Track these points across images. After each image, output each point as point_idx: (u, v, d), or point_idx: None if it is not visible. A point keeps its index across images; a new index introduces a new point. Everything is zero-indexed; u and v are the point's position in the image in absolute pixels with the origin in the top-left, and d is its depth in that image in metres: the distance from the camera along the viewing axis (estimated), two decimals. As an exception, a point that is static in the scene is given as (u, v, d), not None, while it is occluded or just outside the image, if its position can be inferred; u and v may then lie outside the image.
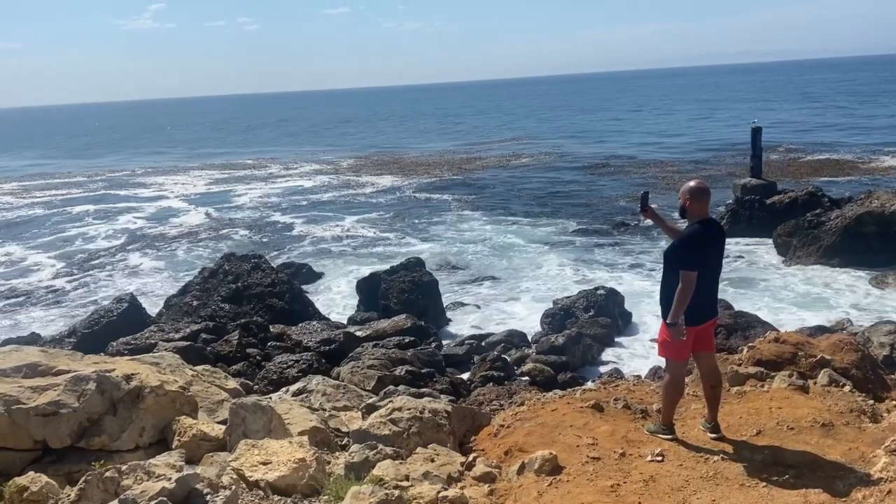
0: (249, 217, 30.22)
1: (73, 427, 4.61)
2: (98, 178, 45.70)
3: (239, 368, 11.43)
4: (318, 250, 23.54)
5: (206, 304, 15.18)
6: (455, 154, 49.10)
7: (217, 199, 35.44)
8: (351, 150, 56.34)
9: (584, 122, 72.49)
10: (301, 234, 26.30)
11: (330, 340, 12.68)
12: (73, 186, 41.98)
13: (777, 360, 6.29)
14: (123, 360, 5.66)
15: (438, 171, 40.40)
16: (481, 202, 30.49)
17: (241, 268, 16.36)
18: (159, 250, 24.51)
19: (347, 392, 8.48)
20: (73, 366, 5.06)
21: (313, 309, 15.96)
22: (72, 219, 31.51)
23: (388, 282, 16.10)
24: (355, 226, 27.15)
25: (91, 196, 37.96)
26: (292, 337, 13.25)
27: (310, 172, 43.58)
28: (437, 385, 10.11)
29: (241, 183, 40.92)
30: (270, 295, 15.56)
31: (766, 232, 20.17)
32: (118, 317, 14.11)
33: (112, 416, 4.80)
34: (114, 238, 27.01)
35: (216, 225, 28.76)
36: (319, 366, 11.18)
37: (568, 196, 30.96)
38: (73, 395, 4.67)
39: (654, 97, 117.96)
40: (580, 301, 14.70)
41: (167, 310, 15.75)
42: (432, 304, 15.60)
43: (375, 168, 43.93)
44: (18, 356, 4.95)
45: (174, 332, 12.84)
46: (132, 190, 39.58)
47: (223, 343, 12.46)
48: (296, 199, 34.20)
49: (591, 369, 12.50)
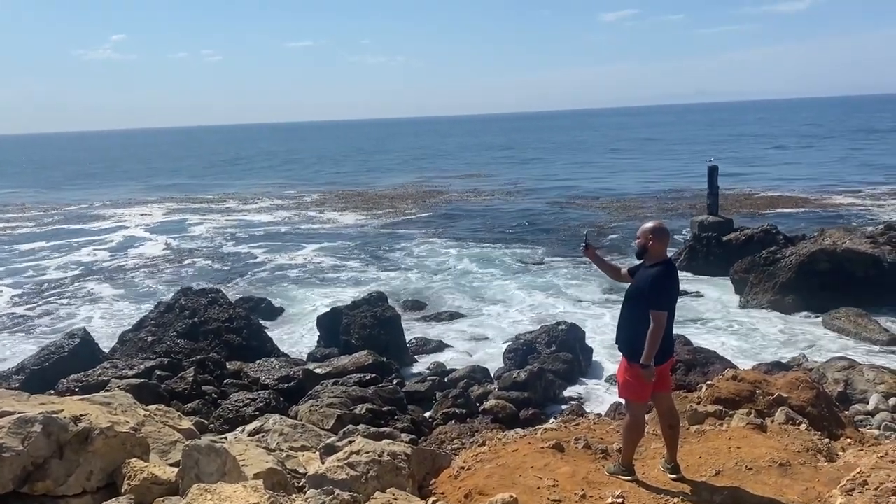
0: (207, 250, 29.80)
1: (17, 471, 4.41)
2: (53, 212, 44.69)
3: (194, 406, 11.15)
4: (277, 284, 23.27)
5: (161, 340, 14.85)
6: (418, 188, 49.34)
7: (174, 230, 34.95)
8: (314, 185, 56.14)
9: (543, 159, 73.50)
10: (259, 267, 26.00)
11: (289, 378, 12.45)
12: (27, 220, 40.94)
13: (736, 399, 6.35)
14: (72, 401, 5.46)
15: (402, 205, 40.51)
16: (445, 234, 30.70)
17: (198, 302, 16.08)
18: (114, 283, 23.98)
19: (306, 432, 8.31)
20: (19, 407, 4.86)
21: (272, 345, 15.73)
22: (24, 252, 30.65)
23: (350, 317, 15.94)
24: (316, 258, 26.97)
25: (46, 230, 37.03)
26: (249, 374, 13.01)
27: (270, 207, 43.25)
28: (398, 423, 9.98)
29: (197, 215, 40.43)
30: (228, 330, 15.29)
31: (723, 269, 20.53)
32: (69, 353, 13.71)
33: (58, 459, 4.61)
34: (67, 270, 26.38)
35: (173, 257, 28.32)
36: (277, 404, 10.96)
37: (534, 228, 31.37)
38: (18, 437, 4.48)
39: (612, 135, 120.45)
40: (542, 336, 14.73)
41: (121, 345, 15.36)
42: (394, 340, 15.48)
43: (339, 202, 43.85)
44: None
45: (128, 368, 12.51)
46: (88, 223, 38.75)
47: (178, 380, 12.16)
48: (254, 231, 33.89)
49: (554, 406, 12.48)
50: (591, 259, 5.31)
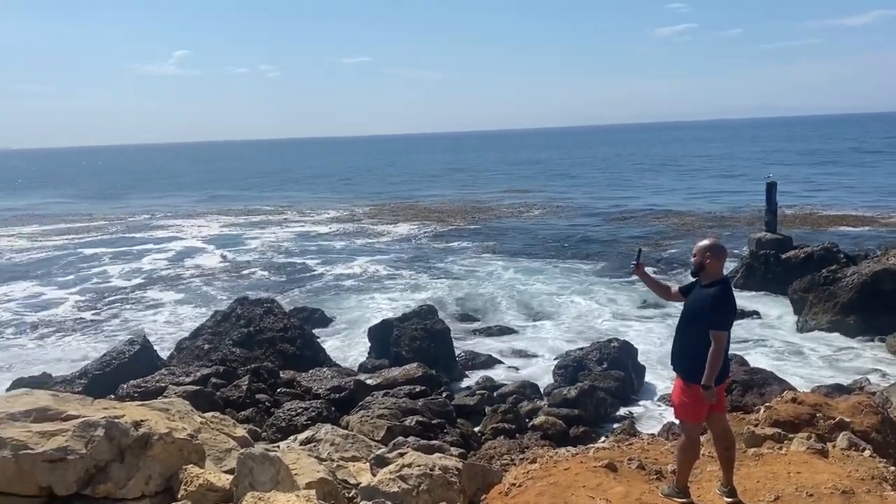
0: (263, 260, 30.38)
1: (80, 474, 4.57)
2: (117, 222, 46.14)
3: (248, 414, 11.35)
4: (331, 294, 23.56)
5: (217, 348, 15.16)
6: (467, 202, 49.41)
7: (232, 241, 35.69)
8: (366, 197, 56.80)
9: (594, 173, 72.89)
10: (315, 278, 26.37)
11: (340, 388, 12.58)
12: (92, 230, 42.32)
13: (795, 422, 6.17)
14: (133, 406, 5.63)
15: (452, 219, 40.63)
16: (498, 248, 30.65)
17: (254, 312, 16.38)
18: (174, 292, 24.60)
19: (356, 442, 8.38)
20: (83, 411, 5.03)
21: (324, 355, 15.92)
22: (88, 259, 31.72)
23: (400, 329, 16.04)
24: (370, 270, 27.21)
25: (109, 238, 38.24)
26: (302, 383, 13.17)
27: (326, 220, 43.82)
28: (447, 437, 9.97)
29: (256, 227, 41.24)
30: (282, 340, 15.54)
31: (781, 287, 19.98)
32: (129, 359, 14.11)
33: (119, 463, 4.75)
34: (129, 278, 27.14)
35: (231, 267, 28.92)
36: (329, 414, 11.08)
37: (585, 244, 31.06)
38: (81, 441, 4.64)
39: (666, 150, 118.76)
40: (593, 353, 14.56)
41: (178, 353, 15.74)
42: (444, 353, 15.50)
43: (391, 214, 44.21)
44: (29, 400, 4.94)
45: (184, 375, 12.81)
46: (150, 232, 39.87)
47: (233, 388, 12.40)
48: (310, 243, 34.40)
49: (605, 424, 12.31)
50: (640, 277, 5.27)
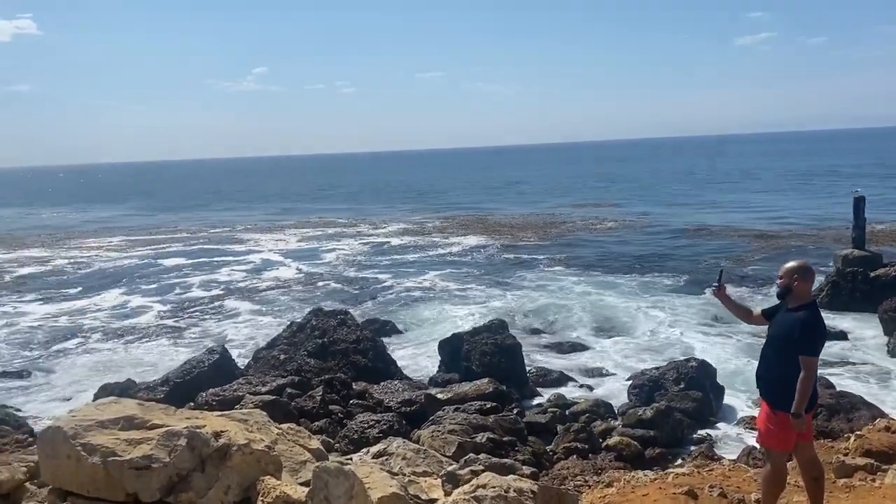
0: (337, 272, 30.90)
1: (164, 481, 4.70)
2: (199, 234, 47.75)
3: (321, 425, 11.52)
4: (402, 307, 23.75)
5: (292, 359, 15.47)
6: (539, 216, 49.12)
7: (307, 254, 36.45)
8: (437, 210, 57.20)
9: (670, 188, 71.36)
10: (386, 290, 26.64)
11: (411, 401, 12.64)
12: (175, 241, 43.92)
13: (889, 452, 5.84)
14: (213, 416, 5.76)
15: (523, 233, 40.45)
16: (569, 262, 30.33)
17: (328, 323, 16.64)
18: (251, 303, 25.27)
19: (427, 457, 8.38)
20: (167, 420, 5.18)
21: (395, 367, 16.03)
22: (170, 270, 32.93)
23: (471, 343, 15.99)
24: (440, 283, 27.32)
25: (191, 250, 39.58)
26: (374, 395, 13.29)
27: (397, 232, 44.32)
28: (518, 455, 9.87)
29: (331, 240, 42.03)
30: (355, 351, 15.72)
31: (869, 306, 19.05)
32: (209, 368, 14.55)
33: (200, 472, 4.87)
34: (208, 289, 28.01)
35: (305, 279, 29.53)
36: (400, 427, 11.14)
37: (660, 258, 30.42)
38: (165, 449, 4.77)
39: (748, 162, 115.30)
40: (670, 372, 14.18)
41: (255, 362, 16.12)
42: (515, 369, 15.37)
43: (461, 228, 44.35)
44: (117, 408, 5.12)
45: (261, 385, 13.11)
46: (229, 245, 41.03)
47: (307, 399, 12.62)
48: (382, 256, 34.81)
49: (681, 447, 11.95)
50: (721, 299, 5.11)
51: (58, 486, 4.75)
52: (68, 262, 36.26)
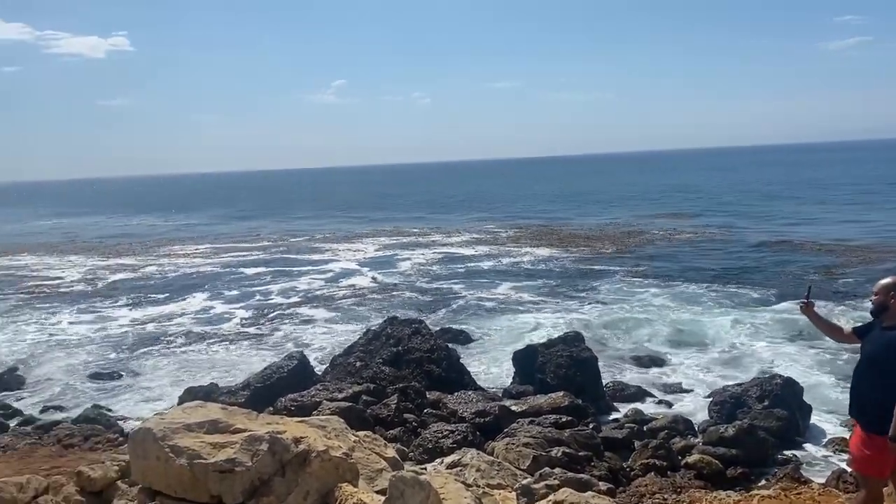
0: (411, 281, 31.17)
1: (246, 485, 4.84)
2: (281, 242, 48.99)
3: (396, 434, 11.61)
4: (475, 317, 23.74)
5: (368, 366, 15.66)
6: (616, 227, 48.33)
7: (382, 263, 36.92)
8: (510, 220, 57.04)
9: (758, 196, 69.08)
10: (459, 300, 26.68)
11: (485, 413, 12.60)
12: (256, 250, 45.19)
13: None
14: (293, 422, 5.89)
15: (599, 243, 39.86)
16: (648, 273, 29.69)
17: (403, 332, 16.79)
18: (328, 311, 25.74)
19: (502, 469, 8.34)
20: (249, 425, 5.33)
21: (469, 377, 16.02)
22: (251, 277, 33.91)
23: (546, 355, 15.84)
24: (514, 294, 27.19)
25: (271, 258, 40.64)
26: (448, 405, 13.32)
27: (470, 242, 44.38)
28: (594, 470, 9.70)
29: (406, 249, 42.46)
30: (429, 361, 15.80)
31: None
32: (288, 373, 14.90)
33: (281, 477, 4.98)
34: (288, 296, 28.68)
35: (381, 288, 29.90)
36: (474, 438, 11.11)
37: (744, 271, 29.40)
38: (248, 454, 4.91)
39: (837, 172, 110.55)
40: (753, 389, 13.68)
41: (332, 368, 16.39)
42: (591, 382, 15.13)
43: (534, 239, 44.04)
44: (203, 412, 5.30)
45: (337, 391, 13.32)
46: (308, 255, 41.85)
47: (382, 406, 12.75)
48: (455, 265, 34.91)
49: (765, 467, 11.49)
50: (809, 316, 4.90)
51: (147, 485, 4.94)
52: (156, 269, 37.83)
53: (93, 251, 47.51)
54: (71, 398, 17.12)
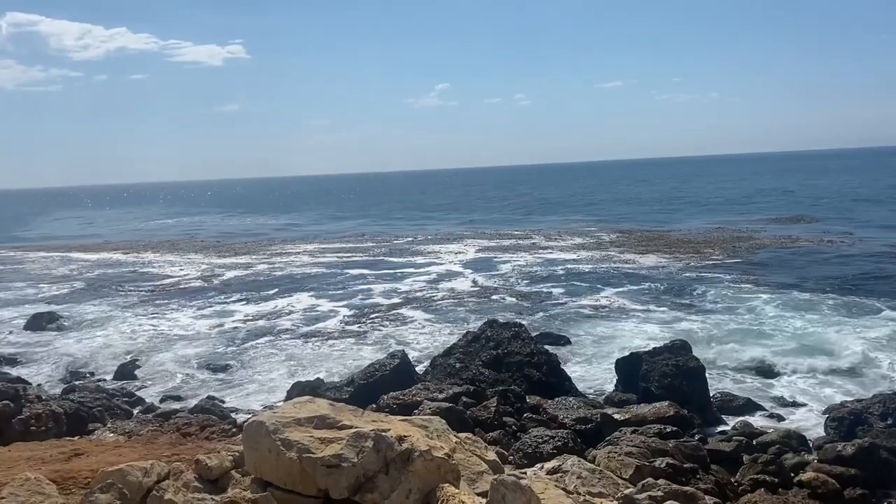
0: (511, 284, 31.10)
1: (351, 480, 4.98)
2: (383, 244, 49.99)
3: (495, 436, 11.62)
4: (576, 323, 23.43)
5: (467, 368, 15.76)
6: (724, 231, 46.52)
7: (483, 266, 37.00)
8: (614, 224, 55.95)
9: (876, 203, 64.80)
10: (560, 305, 26.40)
11: (586, 419, 12.43)
12: (360, 251, 46.27)
13: None
14: (397, 421, 6.02)
15: (709, 249, 38.46)
16: (760, 280, 28.42)
17: (502, 335, 16.79)
18: (428, 312, 26.05)
19: (603, 478, 8.21)
20: (355, 422, 5.49)
21: (570, 383, 15.84)
22: (355, 277, 34.71)
23: (650, 363, 15.46)
24: (617, 300, 26.65)
25: (374, 260, 41.47)
26: (548, 410, 13.22)
27: (572, 246, 43.79)
28: (700, 483, 9.38)
29: (507, 252, 42.39)
30: (529, 365, 15.74)
31: None
32: (390, 372, 15.18)
33: (385, 474, 5.10)
34: (389, 297, 29.20)
35: (481, 291, 29.99)
36: (575, 445, 10.98)
37: (865, 280, 27.74)
38: (354, 450, 5.06)
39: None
40: (875, 405, 12.90)
41: (432, 369, 16.59)
42: (697, 393, 14.65)
43: (639, 244, 42.99)
44: (312, 407, 5.50)
45: (438, 392, 13.45)
46: (410, 257, 42.44)
47: (482, 409, 12.78)
48: (556, 269, 34.54)
49: (888, 489, 10.77)
50: None
51: (259, 476, 5.17)
52: (266, 267, 39.46)
53: (210, 249, 50.08)
54: (187, 388, 18.13)
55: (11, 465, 7.00)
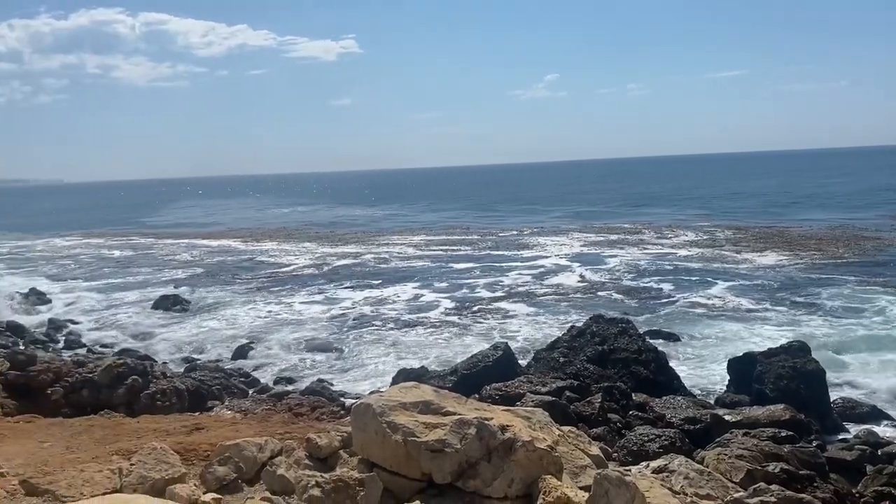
0: (618, 279, 30.47)
1: (454, 466, 5.05)
2: (489, 237, 50.03)
3: (599, 433, 11.45)
4: (686, 321, 22.68)
5: (571, 362, 15.59)
6: (846, 230, 43.66)
7: (590, 260, 36.41)
8: (728, 220, 53.63)
9: None
10: (670, 303, 25.62)
11: (695, 420, 12.05)
12: (466, 243, 46.46)
13: None
14: (499, 410, 6.05)
15: (831, 248, 36.21)
16: (891, 283, 26.53)
17: (609, 330, 16.51)
18: (533, 305, 25.92)
19: (712, 480, 7.92)
20: (459, 409, 5.56)
21: (678, 382, 15.40)
22: (459, 270, 34.89)
23: (765, 364, 14.80)
24: (731, 298, 25.58)
25: (479, 254, 41.52)
26: (655, 409, 12.92)
27: (683, 243, 42.32)
28: (817, 492, 8.90)
29: (614, 246, 41.54)
30: (635, 362, 15.40)
31: None
32: (493, 363, 15.22)
33: (487, 462, 5.14)
34: (493, 290, 29.18)
35: (587, 285, 29.55)
36: (682, 445, 10.68)
37: None
38: (457, 436, 5.12)
39: None
40: None
41: (536, 362, 16.51)
42: (816, 397, 13.90)
43: (756, 241, 41.02)
44: (417, 393, 5.61)
45: (541, 385, 13.39)
46: (516, 251, 42.21)
47: (585, 404, 12.63)
48: (666, 266, 33.53)
49: None
50: None
51: (366, 457, 5.33)
52: (373, 257, 40.43)
53: (323, 239, 51.82)
54: (298, 371, 18.87)
55: (140, 435, 7.53)
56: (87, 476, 5.82)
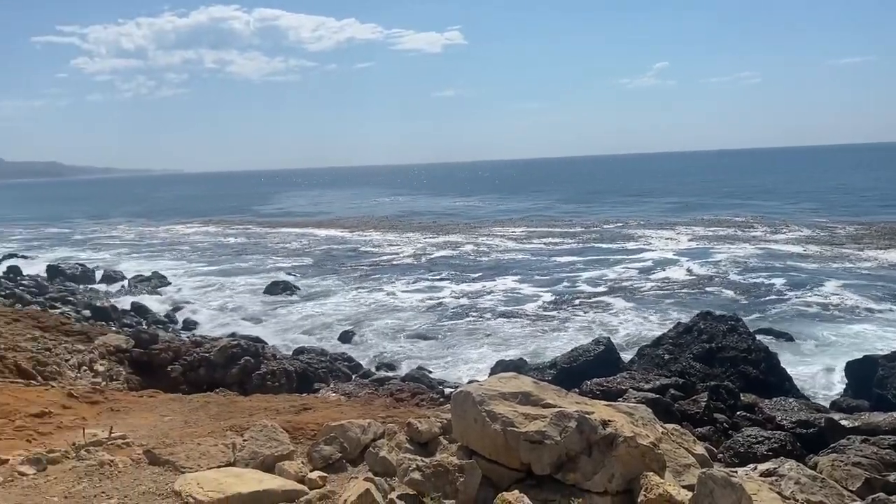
0: (727, 276, 29.33)
1: (553, 458, 5.03)
2: (592, 229, 49.17)
3: (704, 432, 11.12)
4: (799, 320, 21.60)
5: (676, 360, 15.19)
6: None
7: (697, 255, 35.20)
8: (850, 215, 50.43)
9: None
10: (781, 301, 24.45)
11: (808, 423, 11.49)
12: (568, 236, 45.87)
13: None
14: (601, 405, 5.97)
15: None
16: None
17: (717, 328, 15.96)
18: (637, 301, 25.36)
19: (825, 487, 7.55)
20: (559, 402, 5.52)
21: (790, 384, 14.75)
22: (561, 263, 34.51)
23: (887, 368, 13.96)
24: (850, 297, 24.14)
25: (582, 247, 40.82)
26: (764, 410, 12.40)
27: (799, 239, 40.13)
28: (944, 507, 8.32)
29: (724, 241, 39.98)
30: (745, 361, 14.85)
31: None
32: (594, 358, 15.06)
33: (587, 456, 5.09)
34: (595, 285, 28.72)
35: (694, 281, 28.62)
36: (794, 449, 10.22)
37: None
38: (557, 429, 5.10)
39: None
40: None
41: (639, 358, 16.17)
42: (944, 406, 12.97)
43: (882, 237, 38.47)
44: (516, 383, 5.61)
45: (644, 382, 13.12)
46: (621, 243, 41.41)
47: (691, 403, 12.28)
48: (778, 263, 31.96)
49: None
50: None
51: (465, 444, 5.39)
52: (473, 248, 40.62)
53: (426, 229, 52.55)
54: (398, 357, 19.26)
55: (252, 412, 7.90)
56: (203, 449, 6.18)
